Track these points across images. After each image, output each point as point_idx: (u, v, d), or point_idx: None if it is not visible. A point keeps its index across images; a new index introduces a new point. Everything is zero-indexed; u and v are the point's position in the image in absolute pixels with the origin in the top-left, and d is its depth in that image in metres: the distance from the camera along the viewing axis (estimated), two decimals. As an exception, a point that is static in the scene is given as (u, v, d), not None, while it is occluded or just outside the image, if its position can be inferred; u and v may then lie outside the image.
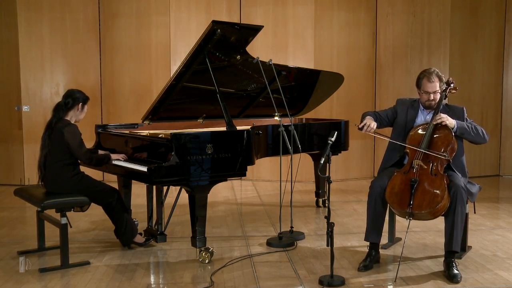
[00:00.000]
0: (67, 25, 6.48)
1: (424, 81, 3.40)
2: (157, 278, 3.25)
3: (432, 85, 3.38)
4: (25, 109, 6.39)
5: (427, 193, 3.14)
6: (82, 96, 3.61)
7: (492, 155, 7.07)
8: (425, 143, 3.29)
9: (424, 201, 3.11)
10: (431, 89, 3.38)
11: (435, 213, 3.12)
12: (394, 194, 3.21)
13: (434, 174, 3.20)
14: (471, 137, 3.35)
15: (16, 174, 6.51)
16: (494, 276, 3.19)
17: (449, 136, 3.30)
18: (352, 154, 6.56)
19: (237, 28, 3.73)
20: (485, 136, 3.37)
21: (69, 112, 3.56)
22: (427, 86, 3.39)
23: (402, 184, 3.22)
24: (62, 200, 3.38)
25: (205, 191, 3.45)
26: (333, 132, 3.14)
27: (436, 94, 3.41)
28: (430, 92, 3.39)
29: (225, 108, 3.67)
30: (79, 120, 3.64)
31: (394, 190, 3.23)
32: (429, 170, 3.22)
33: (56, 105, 3.58)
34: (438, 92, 3.40)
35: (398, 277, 3.15)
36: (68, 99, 3.55)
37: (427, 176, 3.20)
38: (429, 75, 3.38)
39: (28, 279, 3.17)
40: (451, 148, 3.29)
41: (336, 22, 6.61)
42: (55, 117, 3.52)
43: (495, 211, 5.06)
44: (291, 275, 3.22)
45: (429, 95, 3.40)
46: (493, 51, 6.92)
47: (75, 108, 3.57)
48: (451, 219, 3.16)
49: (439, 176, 3.19)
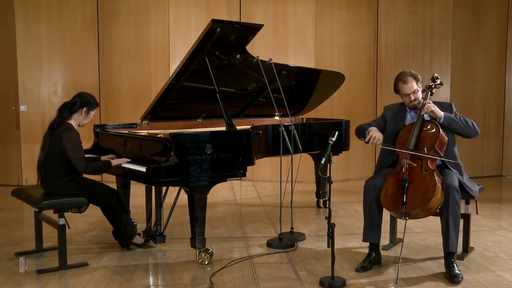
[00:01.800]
0: (65, 24, 6.46)
1: (400, 84, 3.43)
2: (156, 279, 3.24)
3: (408, 86, 3.40)
4: (23, 108, 6.36)
5: (418, 190, 3.13)
6: (92, 100, 3.53)
7: (494, 155, 7.04)
8: (413, 142, 3.29)
9: (416, 199, 3.10)
10: (409, 90, 3.40)
11: (429, 209, 3.10)
12: (388, 197, 3.21)
13: (425, 171, 3.20)
14: (460, 128, 3.33)
15: (14, 175, 6.48)
16: (497, 277, 3.17)
17: (436, 131, 3.29)
18: (353, 154, 6.55)
19: (237, 27, 3.72)
20: (476, 128, 3.35)
21: (73, 114, 3.49)
22: (404, 89, 3.41)
23: (395, 185, 3.22)
24: (60, 200, 3.36)
25: (204, 191, 3.43)
26: (334, 132, 3.13)
27: (416, 94, 3.42)
28: (408, 93, 3.41)
29: (224, 108, 3.66)
30: (83, 125, 3.57)
31: (388, 192, 3.23)
32: (419, 168, 3.22)
33: (62, 105, 3.52)
34: (417, 91, 3.42)
35: (399, 278, 3.14)
36: (76, 99, 3.49)
37: (417, 173, 3.20)
38: (403, 77, 3.42)
39: (25, 281, 3.16)
40: (439, 143, 3.28)
41: (337, 21, 6.59)
42: (58, 117, 3.48)
43: (497, 211, 5.04)
44: (292, 277, 3.21)
45: (409, 96, 3.42)
46: (495, 50, 6.89)
47: (79, 111, 3.49)
48: (444, 219, 3.16)
49: (430, 172, 3.19)
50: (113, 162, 3.56)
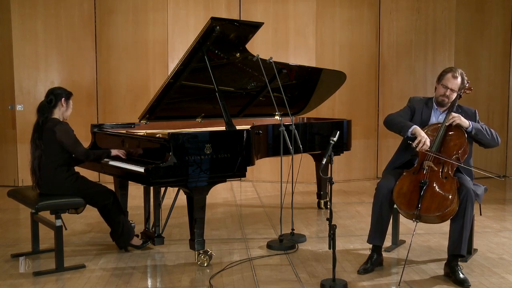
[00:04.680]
0: (62, 22, 6.44)
1: (449, 75, 3.39)
2: (155, 281, 3.22)
3: (454, 82, 3.37)
4: (19, 108, 6.34)
5: (436, 196, 3.10)
6: (64, 91, 3.58)
7: (498, 156, 7.00)
8: (437, 145, 3.25)
9: (433, 204, 3.08)
10: (451, 85, 3.37)
11: (443, 217, 3.09)
12: (402, 195, 3.18)
13: (445, 177, 3.16)
14: (486, 139, 3.31)
15: (10, 175, 6.45)
16: (501, 279, 3.16)
17: (462, 138, 3.26)
18: (355, 155, 6.55)
19: (237, 25, 3.71)
20: (498, 140, 3.35)
21: (54, 110, 3.53)
22: (449, 81, 3.37)
23: (411, 185, 3.18)
24: (56, 201, 3.36)
25: (203, 192, 3.42)
26: (335, 132, 3.12)
27: (452, 93, 3.39)
28: (449, 87, 3.37)
29: (224, 107, 3.65)
30: (67, 117, 3.62)
31: (403, 190, 3.20)
32: (439, 173, 3.18)
33: (39, 105, 3.56)
34: (455, 91, 3.38)
35: (402, 281, 3.12)
36: (50, 97, 3.53)
37: (437, 178, 3.16)
38: (455, 71, 3.40)
39: (22, 283, 3.15)
40: (463, 151, 3.25)
41: (338, 19, 6.56)
42: (41, 117, 3.51)
43: (501, 213, 5.03)
44: (292, 279, 3.20)
45: (446, 90, 3.38)
46: (499, 49, 6.85)
47: (59, 105, 3.53)
48: (460, 222, 3.12)
49: (450, 180, 3.15)
50: (113, 151, 3.64)
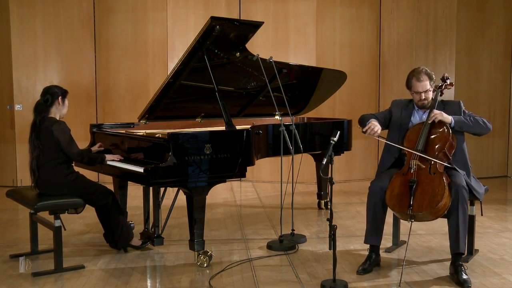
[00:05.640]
0: (61, 21, 6.43)
1: (414, 81, 3.40)
2: (154, 282, 3.21)
3: (422, 84, 3.37)
4: (18, 108, 6.32)
5: (426, 193, 3.10)
6: (60, 89, 3.58)
7: (500, 156, 6.98)
8: (422, 144, 3.27)
9: (424, 201, 3.08)
10: (421, 89, 3.37)
11: (436, 212, 3.08)
12: (394, 197, 3.19)
13: (433, 173, 3.17)
14: (472, 129, 3.33)
15: (9, 175, 6.44)
16: (502, 280, 3.15)
17: (445, 133, 3.27)
18: (355, 155, 6.54)
19: (237, 24, 3.70)
20: (487, 125, 3.33)
21: (51, 109, 3.53)
22: (417, 86, 3.39)
23: (402, 186, 3.19)
24: (55, 202, 3.35)
25: (203, 192, 3.42)
26: (336, 132, 3.11)
27: (427, 93, 3.39)
28: (420, 91, 3.38)
29: (224, 107, 3.64)
30: (63, 116, 3.62)
31: (394, 192, 3.20)
32: (427, 170, 3.19)
33: (35, 104, 3.55)
34: (429, 90, 3.39)
35: (403, 281, 3.11)
36: (47, 96, 3.53)
37: (426, 175, 3.17)
38: (418, 74, 3.38)
39: (20, 283, 3.14)
40: (449, 145, 3.26)
41: (339, 18, 6.55)
42: (38, 116, 3.50)
43: (503, 213, 5.01)
44: (292, 279, 3.19)
45: (420, 94, 3.39)
46: (501, 48, 6.83)
47: (55, 103, 3.53)
48: (454, 220, 3.12)
49: (438, 175, 3.15)
50: (108, 157, 3.62)
